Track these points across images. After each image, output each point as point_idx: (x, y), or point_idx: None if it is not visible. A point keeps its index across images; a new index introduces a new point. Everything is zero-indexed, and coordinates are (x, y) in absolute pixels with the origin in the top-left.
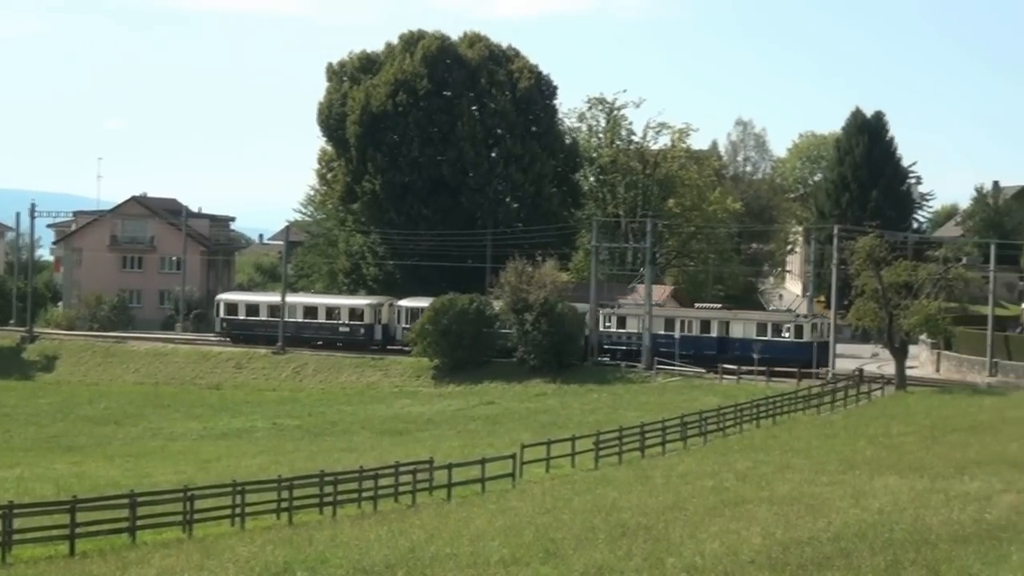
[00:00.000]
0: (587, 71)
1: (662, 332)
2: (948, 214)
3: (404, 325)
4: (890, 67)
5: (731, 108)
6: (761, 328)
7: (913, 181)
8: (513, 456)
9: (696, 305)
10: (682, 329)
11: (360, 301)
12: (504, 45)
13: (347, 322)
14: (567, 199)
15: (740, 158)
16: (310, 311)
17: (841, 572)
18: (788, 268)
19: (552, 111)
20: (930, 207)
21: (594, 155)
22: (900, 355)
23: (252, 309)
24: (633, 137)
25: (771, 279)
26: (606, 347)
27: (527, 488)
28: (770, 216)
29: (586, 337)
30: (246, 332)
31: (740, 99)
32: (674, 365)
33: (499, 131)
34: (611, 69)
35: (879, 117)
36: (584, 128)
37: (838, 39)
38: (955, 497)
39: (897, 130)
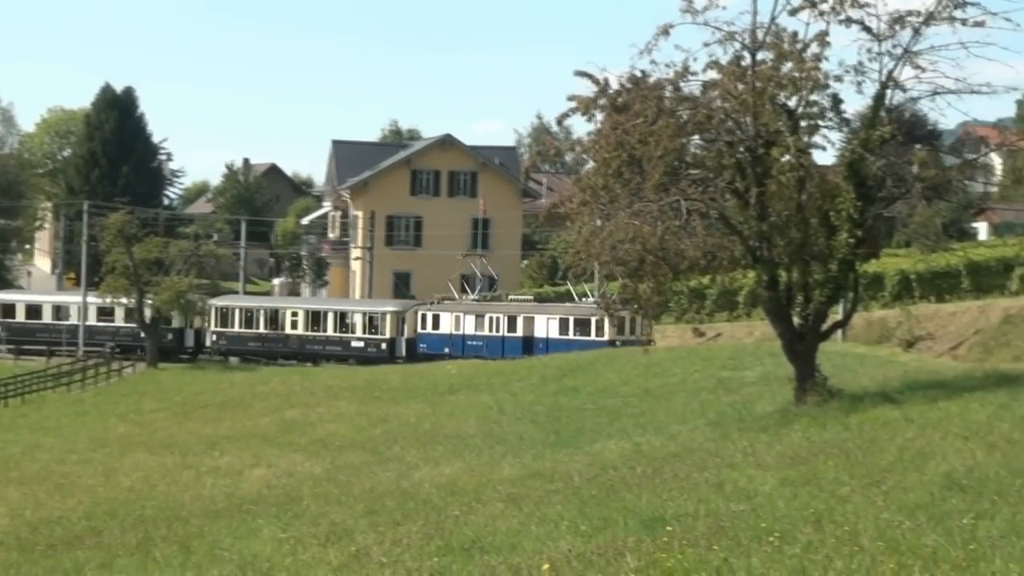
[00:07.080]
0: None
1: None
2: (200, 191)
3: None
4: (142, 44)
5: None
6: (563, 325)
7: (164, 158)
8: None
9: (510, 298)
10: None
11: None
12: None
13: None
14: None
15: None
16: None
17: (92, 551)
18: (37, 245)
19: None
20: (181, 184)
21: None
22: (152, 331)
23: None
24: None
25: (20, 256)
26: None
27: None
28: (18, 192)
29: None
30: None
31: None
32: None
33: None
34: None
35: (129, 93)
36: None
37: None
38: (206, 472)
39: (148, 107)
